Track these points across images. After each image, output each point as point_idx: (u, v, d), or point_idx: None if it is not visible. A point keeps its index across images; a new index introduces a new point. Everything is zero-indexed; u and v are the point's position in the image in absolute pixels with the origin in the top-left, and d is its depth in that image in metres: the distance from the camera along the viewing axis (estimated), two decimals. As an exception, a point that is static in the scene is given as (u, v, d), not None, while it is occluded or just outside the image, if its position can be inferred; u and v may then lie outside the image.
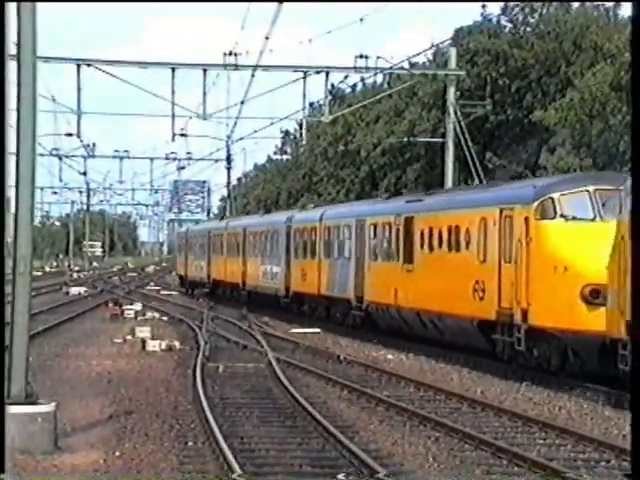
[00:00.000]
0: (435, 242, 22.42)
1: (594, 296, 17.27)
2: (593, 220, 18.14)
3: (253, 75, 33.68)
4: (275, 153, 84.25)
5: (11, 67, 12.21)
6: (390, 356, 23.70)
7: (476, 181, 35.46)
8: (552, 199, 18.42)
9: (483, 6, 49.96)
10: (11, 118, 12.54)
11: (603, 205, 17.92)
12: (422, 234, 23.04)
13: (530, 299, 18.38)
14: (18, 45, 12.59)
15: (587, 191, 18.31)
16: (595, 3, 47.38)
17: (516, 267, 18.84)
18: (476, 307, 20.29)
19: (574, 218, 18.27)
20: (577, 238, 18.07)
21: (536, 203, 18.53)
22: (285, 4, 23.08)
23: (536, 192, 18.81)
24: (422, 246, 23.03)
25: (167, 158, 61.53)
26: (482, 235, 20.27)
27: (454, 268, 21.42)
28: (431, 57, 50.42)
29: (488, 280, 19.83)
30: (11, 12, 12.48)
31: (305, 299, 32.35)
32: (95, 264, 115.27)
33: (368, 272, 26.46)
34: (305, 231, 32.31)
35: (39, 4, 12.51)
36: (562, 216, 18.35)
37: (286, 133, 79.45)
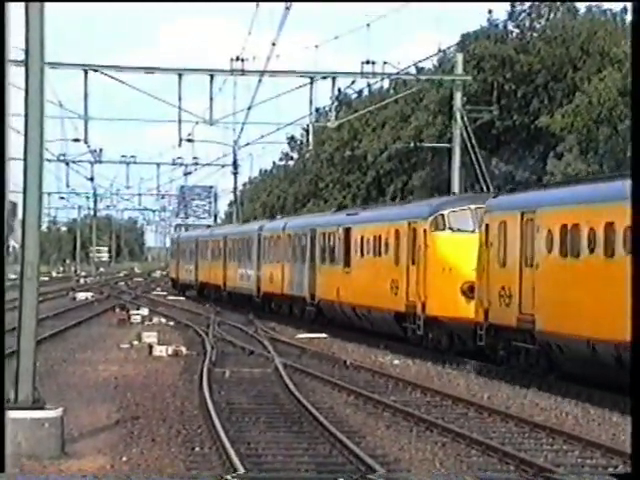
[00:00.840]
0: (365, 249, 27.78)
1: (470, 291, 22.26)
2: (472, 232, 22.83)
3: (260, 80, 33.74)
4: (281, 159, 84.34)
5: (19, 73, 12.25)
6: (396, 361, 23.68)
7: (483, 187, 35.43)
8: (442, 215, 23.80)
9: (490, 11, 50.02)
10: (19, 124, 12.58)
11: (480, 220, 22.26)
12: (356, 242, 28.42)
13: (426, 294, 23.73)
14: (26, 51, 12.63)
15: (469, 209, 23.50)
16: (597, 4, 47.37)
17: (418, 269, 24.17)
18: (392, 301, 25.47)
19: (458, 230, 23.58)
20: (460, 245, 23.25)
21: (431, 218, 23.99)
22: (292, 10, 23.13)
23: (431, 209, 24.31)
24: (356, 252, 28.44)
25: (174, 163, 61.58)
26: (396, 243, 25.71)
27: (378, 270, 26.72)
28: (437, 63, 50.42)
29: (400, 280, 25.26)
30: (14, 15, 12.52)
31: (273, 298, 37.50)
32: (102, 269, 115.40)
33: (319, 274, 31.76)
34: (272, 239, 37.59)
35: (46, 11, 12.55)
36: (450, 228, 23.76)
37: (292, 139, 79.54)
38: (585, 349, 17.45)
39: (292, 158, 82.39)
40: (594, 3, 47.80)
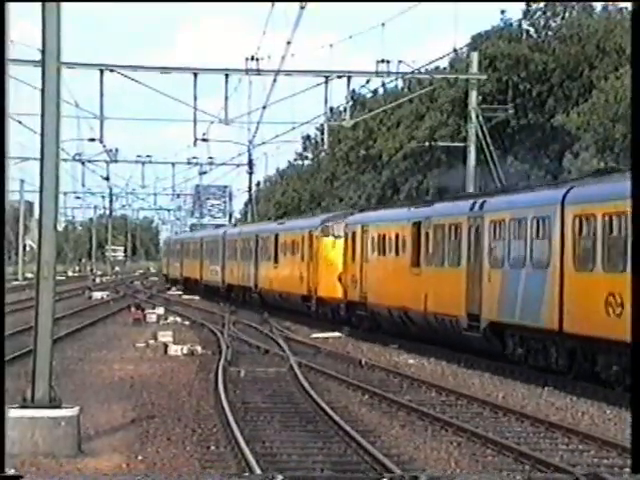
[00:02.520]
0: (286, 250, 38.27)
1: (340, 279, 31.88)
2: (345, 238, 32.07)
3: (275, 80, 33.75)
4: (295, 159, 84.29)
5: (35, 73, 12.32)
6: (411, 361, 23.67)
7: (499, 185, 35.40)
8: (327, 226, 34.07)
9: (502, 12, 49.92)
10: (35, 124, 12.63)
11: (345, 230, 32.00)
12: (281, 245, 39.14)
13: (317, 282, 33.92)
14: (43, 52, 12.69)
15: (343, 222, 32.66)
16: (613, 4, 47.17)
17: (313, 264, 34.37)
18: (300, 288, 35.67)
19: (337, 236, 32.97)
20: (337, 248, 32.60)
21: (320, 228, 34.25)
22: (307, 10, 23.13)
23: (321, 222, 34.74)
24: (281, 252, 39.16)
25: (189, 163, 61.62)
26: (302, 246, 35.83)
27: (293, 266, 37.02)
28: (451, 62, 50.29)
29: (304, 272, 35.24)
30: (33, 15, 12.58)
31: (233, 289, 47.71)
32: (117, 268, 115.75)
33: (260, 268, 42.33)
34: (232, 242, 48.50)
35: (63, 11, 12.60)
36: (332, 235, 33.48)
37: (307, 138, 79.48)
38: (386, 313, 27.93)
39: (307, 157, 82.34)
40: (599, 2, 47.58)
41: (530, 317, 20.10)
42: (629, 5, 46.62)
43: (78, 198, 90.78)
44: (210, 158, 58.31)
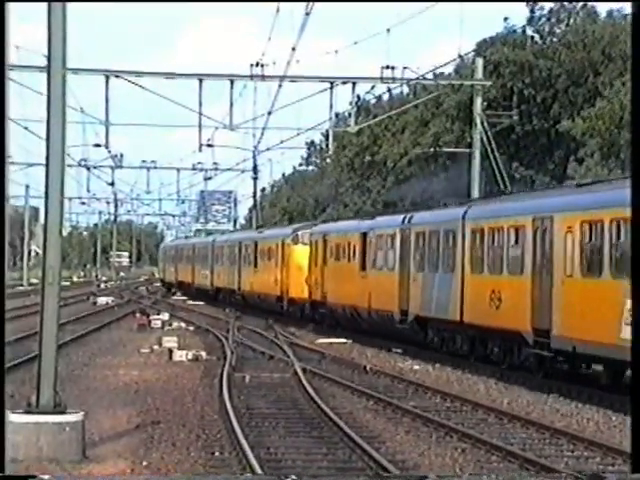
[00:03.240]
0: (265, 256, 43.63)
1: (307, 282, 36.29)
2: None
3: (280, 86, 33.79)
4: (300, 164, 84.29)
5: (41, 79, 12.34)
6: (416, 367, 23.65)
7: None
8: (297, 235, 39.24)
9: (505, 19, 49.94)
10: (41, 129, 12.65)
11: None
12: (260, 252, 44.68)
13: (288, 284, 38.96)
14: (48, 57, 12.71)
15: (310, 232, 37.59)
16: (619, 8, 47.12)
17: (285, 268, 39.53)
18: (274, 289, 40.72)
19: (305, 244, 37.71)
20: (305, 254, 37.28)
21: (291, 236, 39.52)
22: (312, 16, 23.18)
23: (292, 231, 40.17)
24: (260, 258, 44.65)
25: (194, 168, 61.62)
26: (276, 253, 41.18)
27: (270, 269, 42.17)
28: (456, 68, 50.28)
29: (278, 275, 40.32)
30: (39, 21, 12.61)
31: (221, 291, 53.12)
32: (122, 274, 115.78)
33: (242, 272, 47.69)
34: (220, 248, 54.19)
35: (68, 14, 12.62)
36: (302, 243, 38.33)
37: (311, 144, 79.50)
38: (342, 310, 32.68)
39: (311, 163, 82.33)
40: (603, 4, 47.53)
41: (442, 311, 24.61)
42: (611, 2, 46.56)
43: (83, 204, 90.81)
44: (215, 164, 58.40)
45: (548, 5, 48.61)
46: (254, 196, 66.40)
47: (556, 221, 19.54)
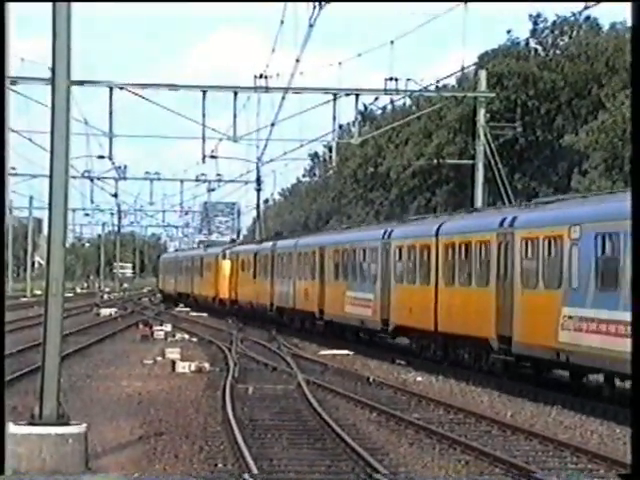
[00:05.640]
0: (206, 267, 55.76)
1: (229, 286, 51.63)
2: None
3: (284, 97, 33.83)
4: (304, 176, 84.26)
5: (46, 91, 12.36)
6: (419, 378, 23.61)
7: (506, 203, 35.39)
8: (225, 252, 51.94)
9: (508, 31, 50.04)
10: (45, 141, 12.66)
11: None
12: (206, 265, 56.65)
13: (218, 289, 52.12)
14: (53, 69, 12.74)
15: (231, 251, 51.84)
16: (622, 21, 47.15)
17: (217, 277, 52.37)
18: (211, 292, 53.31)
19: (229, 259, 50.92)
20: (228, 266, 50.88)
21: (221, 254, 52.66)
22: (316, 27, 23.22)
23: (223, 249, 53.45)
24: (205, 269, 56.82)
25: (197, 180, 61.76)
26: (214, 266, 53.48)
27: (210, 277, 54.48)
28: (458, 81, 50.35)
29: (214, 281, 52.86)
30: (45, 32, 12.64)
31: (181, 295, 65.16)
32: (125, 285, 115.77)
33: (194, 280, 59.55)
34: (182, 261, 66.28)
35: (74, 30, 12.65)
36: (228, 258, 51.08)
37: (315, 155, 79.52)
38: (262, 309, 42.72)
39: (315, 175, 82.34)
40: (606, 17, 47.56)
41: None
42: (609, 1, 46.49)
43: (87, 215, 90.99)
44: (218, 175, 58.44)
45: (551, 17, 48.73)
46: (257, 208, 66.49)
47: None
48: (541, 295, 19.76)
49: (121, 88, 35.09)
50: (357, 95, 35.82)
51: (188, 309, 58.60)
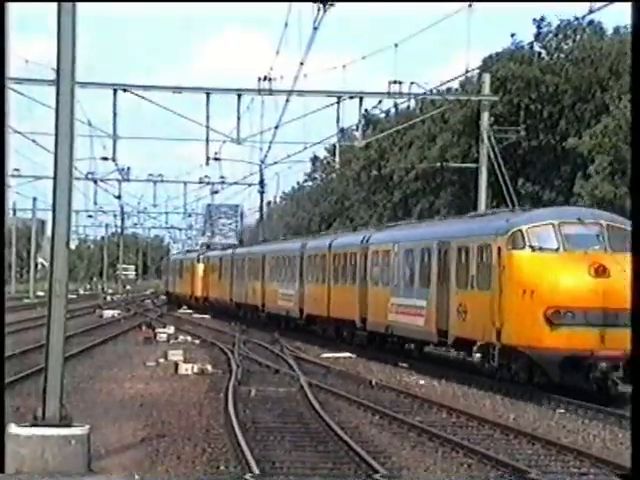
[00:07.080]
0: (186, 269, 66.53)
1: (203, 286, 61.75)
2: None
3: (287, 100, 33.86)
4: (305, 180, 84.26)
5: (50, 92, 12.37)
6: (422, 381, 23.61)
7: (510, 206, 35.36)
8: (200, 257, 63.73)
9: (512, 35, 50.04)
10: (49, 142, 12.67)
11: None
12: (185, 267, 66.32)
13: (194, 288, 62.39)
14: (57, 70, 12.76)
15: (204, 256, 63.47)
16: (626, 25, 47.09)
17: (193, 278, 63.47)
18: (188, 291, 64.02)
19: (202, 262, 62.84)
20: (202, 269, 62.38)
21: (197, 258, 64.57)
22: (320, 30, 23.25)
23: (197, 255, 65.46)
24: (184, 271, 66.66)
25: (201, 182, 61.71)
26: (191, 268, 63.71)
27: (187, 279, 63.69)
28: (462, 84, 50.32)
29: (190, 282, 64.02)
30: (49, 34, 12.66)
31: (167, 293, 75.77)
32: (128, 287, 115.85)
33: (176, 280, 67.60)
34: (184, 266, 69.09)
35: (79, 31, 12.67)
36: (203, 263, 61.87)
37: (315, 158, 79.52)
38: (215, 302, 55.24)
39: (316, 178, 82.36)
40: (610, 21, 47.58)
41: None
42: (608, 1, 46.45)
43: (90, 216, 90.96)
44: (222, 177, 58.40)
45: (555, 21, 48.72)
46: (260, 210, 66.54)
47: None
48: (380, 290, 28.92)
49: (125, 90, 35.13)
50: (361, 98, 35.81)
51: (191, 311, 58.67)
